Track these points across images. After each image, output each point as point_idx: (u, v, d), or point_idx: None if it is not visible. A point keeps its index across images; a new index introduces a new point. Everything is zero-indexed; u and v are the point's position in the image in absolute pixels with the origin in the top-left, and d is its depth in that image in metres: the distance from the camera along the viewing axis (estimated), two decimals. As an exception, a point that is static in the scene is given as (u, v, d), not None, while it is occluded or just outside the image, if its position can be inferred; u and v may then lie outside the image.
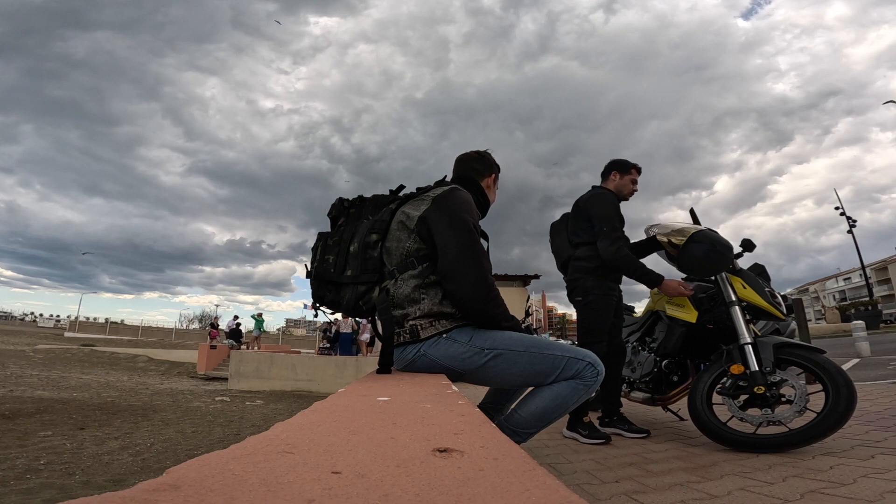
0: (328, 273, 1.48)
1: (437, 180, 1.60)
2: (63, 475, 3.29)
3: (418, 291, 1.36)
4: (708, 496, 1.48)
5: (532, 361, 1.33)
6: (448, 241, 1.34)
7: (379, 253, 1.46)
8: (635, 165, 2.65)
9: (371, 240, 1.46)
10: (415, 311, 1.35)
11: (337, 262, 1.48)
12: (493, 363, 1.33)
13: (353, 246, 1.48)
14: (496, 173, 1.72)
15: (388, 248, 1.44)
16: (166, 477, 0.37)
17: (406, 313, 1.36)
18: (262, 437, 0.52)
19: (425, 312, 1.34)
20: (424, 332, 1.34)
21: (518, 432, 1.40)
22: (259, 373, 10.32)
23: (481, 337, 1.35)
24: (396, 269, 1.40)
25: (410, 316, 1.35)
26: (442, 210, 1.38)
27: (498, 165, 1.74)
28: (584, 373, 1.34)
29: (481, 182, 1.66)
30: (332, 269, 1.48)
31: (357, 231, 1.50)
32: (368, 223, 1.50)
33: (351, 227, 1.53)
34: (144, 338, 32.94)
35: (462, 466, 0.44)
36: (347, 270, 1.47)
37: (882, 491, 1.40)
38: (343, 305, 1.50)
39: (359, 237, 1.48)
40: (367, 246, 1.45)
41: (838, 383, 1.86)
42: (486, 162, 1.70)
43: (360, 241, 1.47)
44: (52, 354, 16.21)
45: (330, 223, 1.60)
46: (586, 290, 2.49)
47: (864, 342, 7.65)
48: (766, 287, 2.29)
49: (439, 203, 1.39)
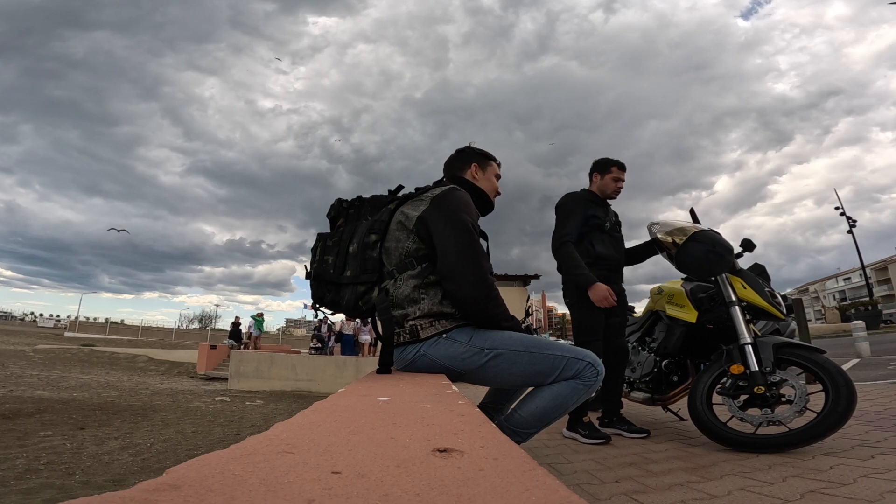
0: (328, 274, 1.49)
1: (436, 181, 1.60)
2: (63, 475, 3.30)
3: (418, 291, 1.36)
4: (708, 496, 1.48)
5: (532, 361, 1.33)
6: (447, 241, 1.34)
7: (378, 253, 1.46)
8: (616, 163, 2.64)
9: (370, 240, 1.46)
10: (414, 311, 1.35)
11: (336, 262, 1.49)
12: (494, 363, 1.33)
13: (353, 246, 1.48)
14: (476, 162, 1.66)
15: (387, 248, 1.44)
16: (166, 477, 0.37)
17: (406, 313, 1.36)
18: (262, 437, 0.52)
19: (425, 312, 1.34)
20: (424, 332, 1.34)
21: (518, 432, 1.40)
22: (259, 373, 10.33)
23: (481, 337, 1.35)
24: (396, 270, 1.40)
25: (410, 316, 1.35)
26: (440, 210, 1.38)
27: (483, 153, 1.69)
28: (584, 373, 1.34)
29: (465, 176, 1.64)
30: (332, 269, 1.48)
31: (356, 231, 1.50)
32: (367, 223, 1.50)
33: (350, 227, 1.53)
34: (144, 338, 32.94)
35: (462, 466, 0.44)
36: (347, 271, 1.47)
37: (882, 491, 1.40)
38: (343, 306, 1.50)
39: (358, 237, 1.48)
40: (366, 246, 1.46)
41: (838, 383, 1.86)
42: (463, 156, 1.68)
43: (360, 241, 1.47)
44: (52, 354, 16.21)
45: (329, 224, 1.60)
46: (575, 290, 2.50)
47: (864, 342, 7.65)
48: (766, 287, 2.29)
49: (438, 203, 1.39)
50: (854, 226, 26.08)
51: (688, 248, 2.24)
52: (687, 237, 2.25)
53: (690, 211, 2.53)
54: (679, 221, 2.43)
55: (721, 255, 2.17)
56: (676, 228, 2.35)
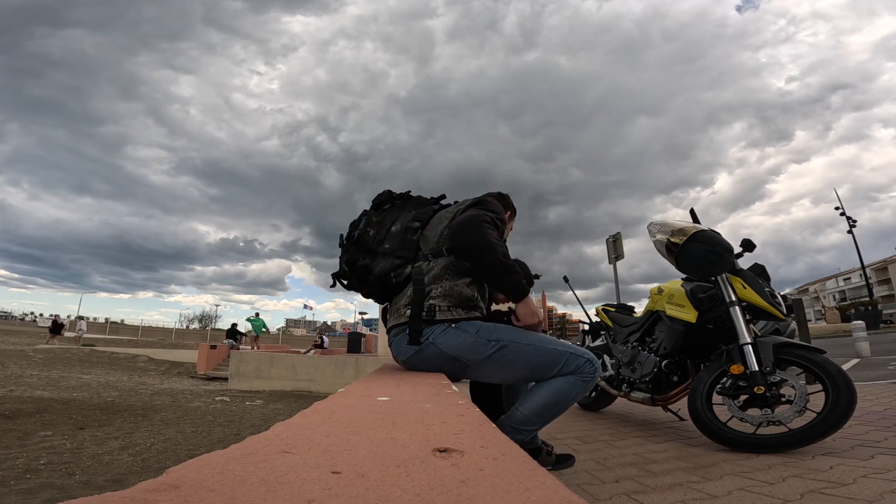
0: (368, 242, 1.60)
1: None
2: (63, 475, 3.29)
3: (445, 271, 1.47)
4: (708, 496, 1.48)
5: (536, 354, 1.41)
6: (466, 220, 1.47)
7: (417, 237, 1.58)
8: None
9: (413, 225, 1.59)
10: (437, 289, 1.44)
11: (377, 235, 1.61)
12: (499, 354, 1.41)
13: (396, 227, 1.61)
14: (511, 211, 1.91)
15: (425, 236, 1.58)
16: (166, 477, 0.37)
17: (429, 290, 1.45)
18: (262, 437, 0.52)
19: (446, 291, 1.44)
20: (441, 313, 1.42)
21: (520, 429, 1.45)
22: (259, 373, 10.32)
23: (488, 329, 1.43)
24: (431, 254, 1.52)
25: (432, 293, 1.44)
26: (473, 207, 1.54)
27: (514, 208, 1.94)
28: (582, 369, 1.42)
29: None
30: (372, 240, 1.60)
31: (399, 217, 1.64)
32: (413, 213, 1.64)
33: (394, 213, 1.66)
34: (144, 338, 32.95)
35: (462, 466, 0.44)
36: (386, 244, 1.59)
37: (882, 491, 1.40)
38: (374, 273, 1.57)
39: (402, 221, 1.62)
40: (408, 230, 1.59)
41: (838, 383, 1.86)
42: (505, 201, 1.90)
43: (403, 224, 1.60)
44: (52, 354, 16.21)
45: (371, 206, 1.72)
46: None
47: (864, 342, 7.65)
48: (766, 287, 2.29)
49: (474, 204, 1.56)
50: (854, 226, 26.10)
51: (688, 249, 2.23)
52: (687, 237, 2.25)
53: (690, 211, 2.53)
54: (679, 221, 2.43)
55: (721, 255, 2.17)
56: (676, 229, 2.35)
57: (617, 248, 8.36)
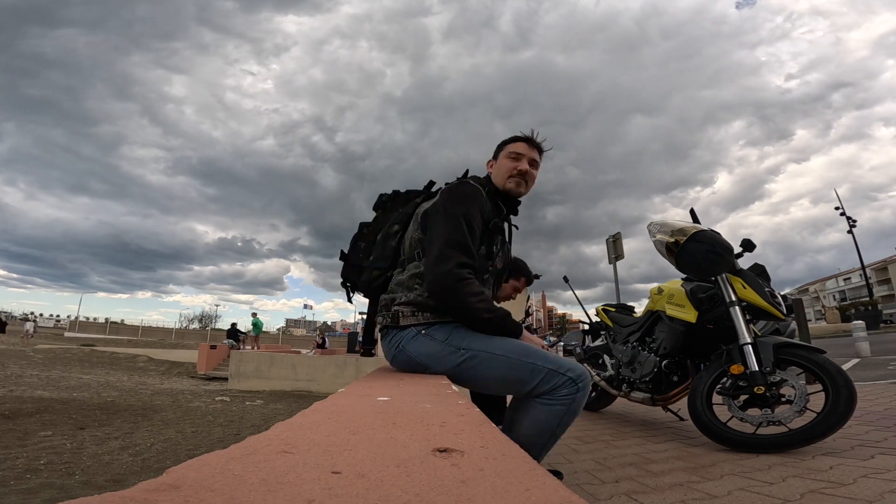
0: (356, 258, 1.64)
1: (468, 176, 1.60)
2: (63, 475, 3.29)
3: (414, 280, 1.39)
4: (708, 496, 1.48)
5: (509, 367, 1.25)
6: (433, 232, 1.36)
7: (397, 242, 1.55)
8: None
9: (392, 230, 1.57)
10: (401, 297, 1.39)
11: (365, 248, 1.64)
12: (468, 365, 1.28)
13: (380, 235, 1.61)
14: (493, 155, 1.61)
15: (406, 238, 1.53)
16: (166, 477, 0.37)
17: (394, 297, 1.41)
18: (262, 437, 0.52)
19: (411, 300, 1.37)
20: (405, 319, 1.36)
21: None
22: (259, 373, 10.32)
23: (459, 336, 1.31)
24: (406, 259, 1.47)
25: (397, 300, 1.39)
26: (439, 202, 1.40)
27: (502, 141, 1.61)
28: (560, 390, 1.22)
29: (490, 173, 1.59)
30: (361, 254, 1.63)
31: (387, 222, 1.62)
32: (396, 215, 1.61)
33: (384, 218, 1.65)
34: (144, 338, 32.94)
35: (462, 466, 0.44)
36: (371, 255, 1.60)
37: (882, 491, 1.40)
38: (360, 285, 1.63)
39: (385, 227, 1.60)
40: (387, 236, 1.57)
41: (838, 383, 1.86)
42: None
43: (385, 231, 1.59)
44: (52, 354, 16.20)
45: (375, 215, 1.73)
46: None
47: (864, 342, 7.64)
48: (766, 287, 2.29)
49: (443, 195, 1.43)
50: (854, 226, 26.10)
51: (688, 249, 2.23)
52: (687, 237, 2.25)
53: (691, 211, 2.53)
54: (678, 221, 2.43)
55: (721, 255, 2.17)
56: (676, 229, 2.35)
57: (617, 248, 8.36)
